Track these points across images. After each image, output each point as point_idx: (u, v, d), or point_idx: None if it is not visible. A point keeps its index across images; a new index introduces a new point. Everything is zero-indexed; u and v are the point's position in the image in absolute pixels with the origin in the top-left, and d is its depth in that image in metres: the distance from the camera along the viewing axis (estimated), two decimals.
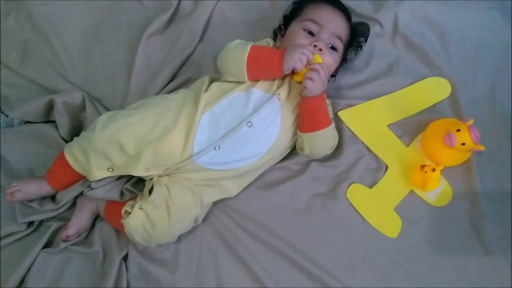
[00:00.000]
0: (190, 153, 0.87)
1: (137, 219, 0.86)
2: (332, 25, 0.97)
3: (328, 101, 1.00)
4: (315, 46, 0.93)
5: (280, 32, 1.04)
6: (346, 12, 1.03)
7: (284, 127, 0.93)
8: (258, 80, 0.93)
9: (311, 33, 0.96)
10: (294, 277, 0.94)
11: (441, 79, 1.10)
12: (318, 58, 0.91)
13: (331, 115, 1.00)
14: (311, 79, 0.88)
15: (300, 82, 0.91)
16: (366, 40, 1.07)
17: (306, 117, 0.93)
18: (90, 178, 0.89)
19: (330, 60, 0.96)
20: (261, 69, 0.91)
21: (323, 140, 0.95)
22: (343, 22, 1.00)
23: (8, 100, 1.04)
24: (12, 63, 1.06)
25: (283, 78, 0.95)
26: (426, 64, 1.12)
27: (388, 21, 1.13)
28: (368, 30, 1.07)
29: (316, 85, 0.89)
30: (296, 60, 0.87)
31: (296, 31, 0.97)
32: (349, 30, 1.02)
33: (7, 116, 1.04)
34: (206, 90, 0.92)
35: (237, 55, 0.91)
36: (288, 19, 1.03)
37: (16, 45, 1.08)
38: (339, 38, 0.98)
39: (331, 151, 0.99)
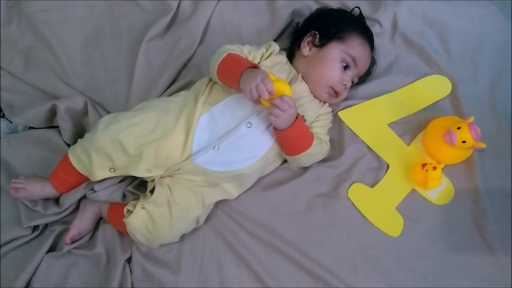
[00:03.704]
0: (190, 152, 0.88)
1: (139, 218, 0.87)
2: (364, 67, 1.02)
3: (329, 109, 1.02)
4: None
5: (314, 40, 0.99)
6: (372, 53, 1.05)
7: None
8: None
9: (345, 66, 0.97)
10: (297, 277, 0.94)
11: (441, 77, 1.10)
12: (284, 87, 0.83)
13: (329, 125, 1.01)
14: (273, 115, 0.84)
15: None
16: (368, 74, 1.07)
17: (282, 145, 0.93)
18: (92, 178, 0.90)
19: (345, 93, 1.00)
20: (228, 81, 0.90)
21: (305, 159, 0.96)
22: (368, 62, 1.03)
23: (12, 106, 1.06)
24: (15, 70, 1.08)
25: (289, 82, 0.95)
26: (426, 62, 1.11)
27: (387, 20, 1.13)
28: (373, 65, 1.07)
29: (280, 120, 0.85)
30: (246, 92, 0.81)
31: (335, 60, 0.96)
32: None
33: (11, 122, 1.06)
34: (204, 91, 0.93)
35: (213, 60, 0.91)
36: (326, 34, 0.98)
37: (18, 52, 1.09)
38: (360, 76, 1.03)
39: (323, 157, 0.99)
